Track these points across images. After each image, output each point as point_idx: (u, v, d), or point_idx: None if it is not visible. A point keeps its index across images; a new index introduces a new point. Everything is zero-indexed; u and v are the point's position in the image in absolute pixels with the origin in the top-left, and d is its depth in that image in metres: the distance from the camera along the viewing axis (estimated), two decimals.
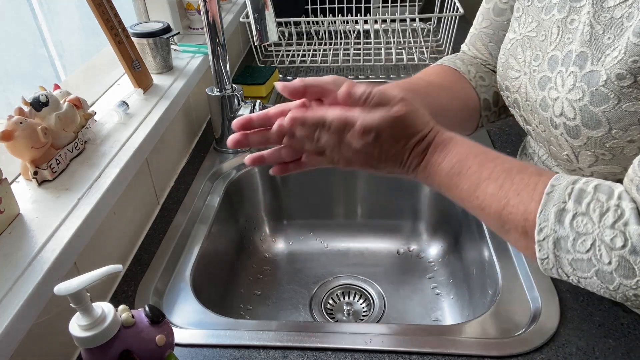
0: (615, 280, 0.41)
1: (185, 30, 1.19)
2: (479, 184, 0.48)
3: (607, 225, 0.41)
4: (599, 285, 0.43)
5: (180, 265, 0.72)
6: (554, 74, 0.54)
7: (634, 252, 0.40)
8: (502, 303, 0.63)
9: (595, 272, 0.42)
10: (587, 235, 0.42)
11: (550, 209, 0.43)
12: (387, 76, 1.24)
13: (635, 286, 0.40)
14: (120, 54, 0.84)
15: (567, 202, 0.43)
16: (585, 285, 0.44)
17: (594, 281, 0.43)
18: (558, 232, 0.43)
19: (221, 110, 0.91)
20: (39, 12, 0.89)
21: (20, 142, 0.61)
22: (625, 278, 0.40)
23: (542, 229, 0.44)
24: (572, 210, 0.43)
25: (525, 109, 0.60)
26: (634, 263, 0.40)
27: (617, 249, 0.40)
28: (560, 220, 0.43)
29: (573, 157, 0.55)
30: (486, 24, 0.71)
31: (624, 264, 0.40)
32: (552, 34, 0.56)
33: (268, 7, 0.73)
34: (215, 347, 0.59)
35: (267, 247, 0.99)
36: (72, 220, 0.60)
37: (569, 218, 0.43)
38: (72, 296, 0.42)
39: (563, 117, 0.52)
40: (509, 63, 0.62)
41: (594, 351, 0.56)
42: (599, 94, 0.48)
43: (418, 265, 0.94)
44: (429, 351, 0.57)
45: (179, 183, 0.89)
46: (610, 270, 0.41)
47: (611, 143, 0.49)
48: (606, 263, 0.41)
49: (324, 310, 0.87)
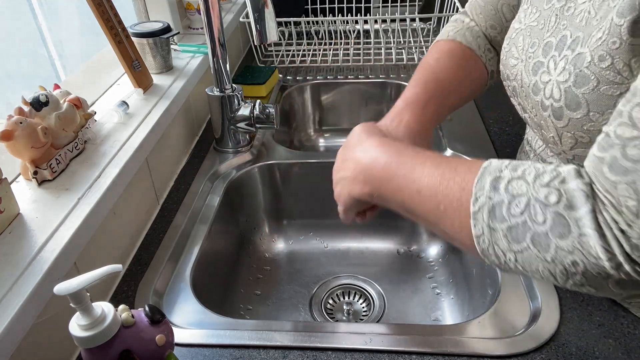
0: (551, 245, 0.39)
1: (185, 30, 1.19)
2: (414, 168, 0.49)
3: (542, 184, 0.40)
4: (536, 256, 0.41)
5: (180, 265, 0.72)
6: (547, 58, 0.54)
7: (568, 207, 0.38)
8: (502, 303, 0.63)
9: (531, 238, 0.40)
10: (522, 196, 0.41)
11: (486, 177, 0.43)
12: (387, 76, 1.24)
13: (571, 248, 0.38)
14: (120, 53, 0.84)
15: (503, 171, 0.43)
16: (523, 261, 0.42)
17: (530, 254, 0.41)
18: (493, 199, 0.42)
19: (221, 110, 0.91)
20: (39, 12, 0.89)
21: (20, 141, 0.61)
22: (561, 238, 0.39)
23: (477, 198, 0.43)
24: (507, 177, 0.42)
25: (521, 95, 0.60)
26: (568, 218, 0.38)
27: (551, 205, 0.39)
28: (495, 187, 0.42)
29: (557, 139, 0.55)
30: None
31: (558, 221, 0.39)
32: (550, 22, 0.56)
33: (268, 7, 0.73)
34: (215, 347, 0.59)
35: (267, 247, 0.99)
36: (72, 220, 0.60)
37: (504, 184, 0.42)
38: (72, 296, 0.42)
39: (552, 99, 0.52)
40: (510, 52, 0.63)
41: (594, 351, 0.56)
42: (582, 76, 0.48)
43: (418, 265, 0.94)
44: (429, 351, 0.57)
45: (179, 183, 0.89)
46: (545, 230, 0.39)
47: (588, 126, 0.49)
48: (540, 222, 0.39)
49: (323, 310, 0.87)
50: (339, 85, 1.25)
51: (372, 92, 1.25)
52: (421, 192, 0.48)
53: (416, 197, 0.49)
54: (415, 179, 0.49)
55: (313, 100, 1.27)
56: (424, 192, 0.48)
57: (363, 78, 1.24)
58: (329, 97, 1.27)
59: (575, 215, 0.38)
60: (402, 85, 1.22)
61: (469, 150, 0.91)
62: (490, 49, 0.74)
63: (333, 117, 1.30)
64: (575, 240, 0.38)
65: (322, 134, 1.31)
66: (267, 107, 0.91)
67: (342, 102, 1.27)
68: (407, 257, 0.96)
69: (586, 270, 0.39)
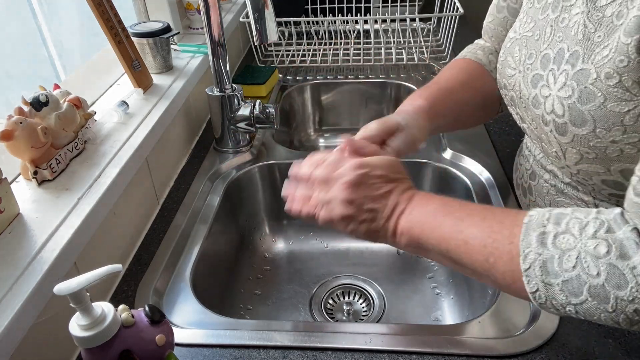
0: (610, 296, 0.39)
1: (185, 30, 1.19)
2: (463, 219, 0.49)
3: (588, 235, 0.40)
4: (596, 308, 0.40)
5: (180, 265, 0.72)
6: (546, 72, 0.54)
7: (620, 257, 0.38)
8: (501, 303, 0.63)
9: (588, 290, 0.40)
10: (571, 250, 0.41)
11: (531, 234, 0.43)
12: (387, 76, 1.24)
13: (630, 297, 0.38)
14: (120, 53, 0.84)
15: (547, 225, 0.43)
16: (585, 313, 0.41)
17: (590, 305, 0.40)
18: (543, 255, 0.42)
19: (221, 110, 0.91)
20: (39, 12, 0.89)
21: (20, 141, 0.61)
22: (618, 289, 0.38)
23: (526, 255, 0.43)
24: (552, 232, 0.42)
25: (520, 106, 0.61)
26: (622, 269, 0.38)
27: (602, 257, 0.39)
28: (542, 242, 0.42)
29: (561, 154, 0.55)
30: (490, 19, 0.76)
31: (612, 272, 0.38)
32: (546, 33, 0.57)
33: (268, 7, 0.73)
34: (215, 347, 0.59)
35: (267, 247, 0.99)
36: (72, 220, 0.60)
37: (551, 239, 0.42)
38: (72, 296, 0.42)
39: (553, 114, 0.52)
40: (507, 61, 0.63)
41: (594, 351, 0.56)
42: (587, 92, 0.48)
43: (418, 265, 0.94)
44: (429, 351, 0.57)
45: (179, 183, 0.89)
46: (601, 282, 0.39)
47: (595, 142, 0.50)
48: (594, 275, 0.39)
49: (323, 310, 0.87)
50: (339, 85, 1.25)
51: (372, 92, 1.25)
52: (468, 243, 0.47)
53: (463, 248, 0.48)
54: (462, 230, 0.48)
55: (313, 100, 1.27)
56: (471, 243, 0.47)
57: (363, 78, 1.24)
58: (329, 97, 1.27)
59: (630, 264, 0.38)
60: (402, 85, 1.22)
61: (469, 150, 0.91)
62: None
63: (333, 117, 1.30)
64: (634, 289, 0.38)
65: (322, 134, 1.31)
66: (267, 107, 0.91)
67: (342, 102, 1.27)
68: (407, 257, 0.96)
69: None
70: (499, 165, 0.88)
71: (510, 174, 0.83)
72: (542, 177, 0.67)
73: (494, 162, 0.88)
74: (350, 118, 1.29)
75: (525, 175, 0.72)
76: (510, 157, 0.84)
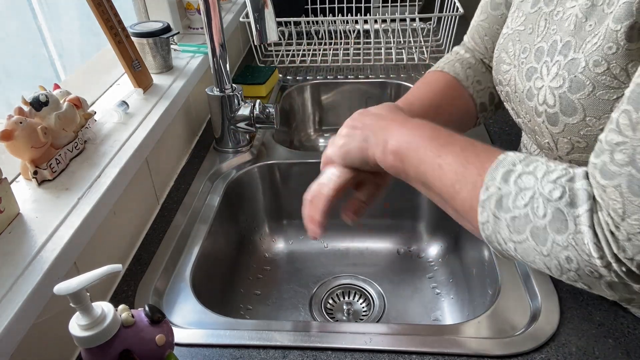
0: (548, 239, 0.40)
1: (185, 30, 1.19)
2: (445, 145, 0.51)
3: (550, 180, 0.41)
4: (533, 248, 0.42)
5: (180, 265, 0.72)
6: (540, 64, 0.54)
7: (569, 204, 0.39)
8: (501, 303, 0.63)
9: (530, 230, 0.41)
10: (528, 189, 0.42)
11: (499, 170, 0.45)
12: (387, 76, 1.24)
13: (566, 243, 0.39)
14: (120, 53, 0.84)
15: (517, 165, 0.44)
16: (522, 252, 0.43)
17: (528, 245, 0.42)
18: (502, 190, 0.44)
19: (221, 110, 0.91)
20: (39, 12, 0.89)
21: (20, 141, 0.61)
22: (557, 233, 0.40)
23: (487, 187, 0.44)
24: (519, 171, 0.44)
25: (515, 101, 0.61)
26: (567, 214, 0.39)
27: (553, 200, 0.40)
28: (506, 179, 0.44)
29: (553, 144, 0.55)
30: (483, 17, 0.74)
31: (557, 216, 0.40)
32: (540, 26, 0.57)
33: (268, 7, 0.73)
34: (215, 347, 0.59)
35: (267, 247, 0.99)
36: (72, 220, 0.60)
37: (515, 177, 0.43)
38: (72, 296, 0.42)
39: (545, 104, 0.53)
40: (501, 57, 0.63)
41: (594, 351, 0.56)
42: (577, 81, 0.49)
43: (418, 265, 0.94)
44: (429, 351, 0.58)
45: (179, 183, 0.89)
46: (544, 224, 0.40)
47: (585, 131, 0.50)
48: (540, 216, 0.41)
49: (323, 310, 0.87)
50: (339, 85, 1.25)
51: (372, 92, 1.25)
52: (443, 168, 0.49)
53: (437, 172, 0.50)
54: (441, 154, 0.50)
55: (313, 100, 1.27)
56: (445, 169, 0.49)
57: (363, 78, 1.24)
58: (329, 97, 1.27)
59: (574, 212, 0.39)
60: (402, 85, 1.22)
61: None
62: (480, 81, 0.73)
63: (333, 117, 1.30)
64: (571, 236, 0.39)
65: (322, 134, 1.31)
66: (267, 107, 0.91)
67: (342, 102, 1.27)
68: (407, 257, 0.96)
69: (579, 268, 0.40)
70: None
71: None
72: None
73: None
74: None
75: None
76: None
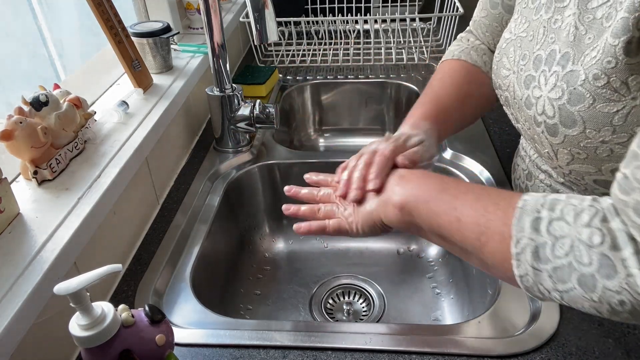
0: (598, 285, 0.39)
1: (185, 30, 1.19)
2: (457, 196, 0.49)
3: (583, 224, 0.40)
4: (582, 296, 0.40)
5: (180, 265, 0.72)
6: (538, 73, 0.54)
7: (613, 248, 0.38)
8: (501, 303, 0.63)
9: (577, 279, 0.40)
10: (565, 237, 0.40)
11: (525, 219, 0.43)
12: (387, 76, 1.24)
13: (618, 288, 0.38)
14: (120, 53, 0.84)
15: (541, 211, 0.43)
16: (569, 300, 0.42)
17: (576, 293, 0.40)
18: (536, 241, 0.42)
19: (221, 110, 0.91)
20: (39, 12, 0.89)
21: (20, 141, 0.61)
22: (607, 278, 0.38)
23: (519, 240, 0.43)
24: (547, 218, 0.42)
25: (514, 107, 0.61)
26: (614, 259, 0.38)
27: (595, 246, 0.39)
28: (536, 228, 0.42)
29: (552, 154, 0.55)
30: (484, 14, 0.75)
31: (604, 262, 0.38)
32: (539, 34, 0.57)
33: (268, 7, 0.73)
34: (215, 346, 0.59)
35: (267, 247, 0.99)
36: (72, 220, 0.60)
37: (545, 225, 0.42)
38: (72, 296, 0.42)
39: (544, 115, 0.53)
40: (502, 62, 0.63)
41: (594, 351, 0.56)
42: (576, 94, 0.48)
43: (418, 265, 0.94)
44: (429, 351, 0.57)
45: (178, 183, 0.89)
46: (591, 272, 0.39)
47: (585, 142, 0.50)
48: (586, 264, 0.39)
49: (323, 310, 0.87)
50: (339, 85, 1.25)
51: (372, 92, 1.25)
52: (461, 221, 0.48)
53: (455, 224, 0.48)
54: (457, 207, 0.48)
55: (313, 100, 1.27)
56: (464, 221, 0.47)
57: (363, 78, 1.24)
58: (329, 97, 1.27)
59: (620, 255, 0.38)
60: (402, 85, 1.22)
61: (469, 150, 0.91)
62: None
63: (333, 117, 1.30)
64: (623, 280, 0.38)
65: (322, 134, 1.31)
66: (267, 107, 0.91)
67: (342, 102, 1.27)
68: (407, 257, 0.96)
69: (634, 309, 0.39)
70: (499, 165, 0.88)
71: (510, 174, 0.83)
72: (537, 178, 0.67)
73: (494, 162, 0.88)
74: (350, 118, 1.29)
75: (522, 175, 0.72)
76: (510, 157, 0.84)
